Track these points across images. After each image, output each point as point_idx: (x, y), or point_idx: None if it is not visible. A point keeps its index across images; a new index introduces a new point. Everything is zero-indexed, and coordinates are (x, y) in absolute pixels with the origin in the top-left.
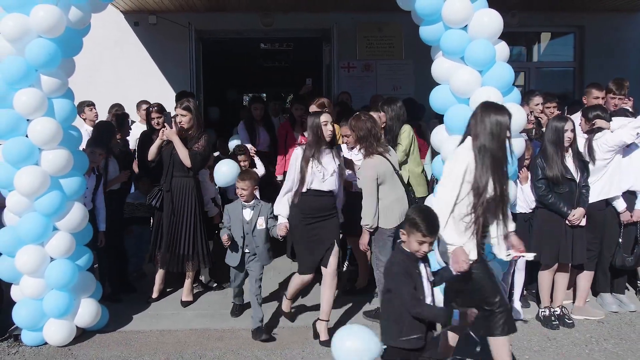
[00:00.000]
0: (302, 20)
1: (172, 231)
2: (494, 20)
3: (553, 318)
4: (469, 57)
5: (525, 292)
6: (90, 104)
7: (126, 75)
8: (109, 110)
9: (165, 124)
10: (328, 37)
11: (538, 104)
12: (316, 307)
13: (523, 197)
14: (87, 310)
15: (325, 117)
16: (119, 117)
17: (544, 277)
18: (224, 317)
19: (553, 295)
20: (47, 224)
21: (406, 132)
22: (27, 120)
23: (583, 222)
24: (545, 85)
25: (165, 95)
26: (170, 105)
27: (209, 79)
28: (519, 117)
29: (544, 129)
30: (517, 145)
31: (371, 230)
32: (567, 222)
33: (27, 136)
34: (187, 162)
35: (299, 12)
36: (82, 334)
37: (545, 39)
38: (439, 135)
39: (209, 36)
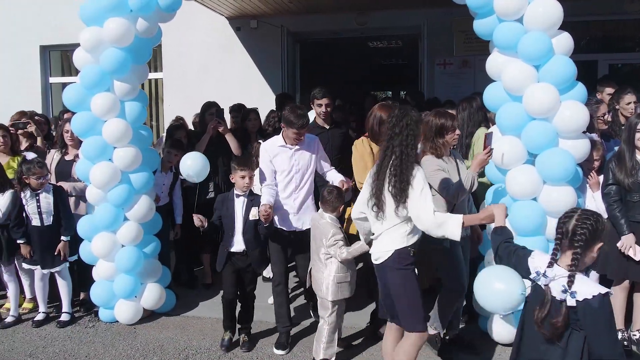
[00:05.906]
0: (397, 18)
1: None
2: (550, 10)
3: (626, 343)
4: (522, 51)
5: None
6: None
7: (230, 77)
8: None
9: (220, 121)
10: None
11: (630, 103)
12: None
13: (595, 205)
14: (152, 294)
15: None
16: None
17: (616, 295)
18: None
19: (633, 316)
20: (117, 214)
21: None
22: (104, 121)
23: (631, 254)
24: None
25: (265, 95)
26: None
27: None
28: (577, 116)
29: None
30: (579, 147)
31: None
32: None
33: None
34: (239, 152)
35: (394, 10)
36: (151, 315)
37: None
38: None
39: (306, 38)
